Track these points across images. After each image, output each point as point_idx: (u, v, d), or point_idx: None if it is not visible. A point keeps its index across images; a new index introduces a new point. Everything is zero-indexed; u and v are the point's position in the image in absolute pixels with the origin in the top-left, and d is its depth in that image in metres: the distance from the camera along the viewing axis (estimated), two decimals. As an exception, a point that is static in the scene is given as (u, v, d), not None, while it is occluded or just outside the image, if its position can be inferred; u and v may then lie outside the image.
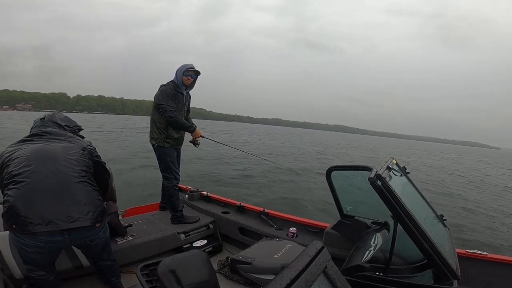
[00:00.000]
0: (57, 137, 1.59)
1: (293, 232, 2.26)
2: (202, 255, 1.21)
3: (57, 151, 1.50)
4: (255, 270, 1.65)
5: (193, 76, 2.47)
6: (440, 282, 1.24)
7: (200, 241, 2.50)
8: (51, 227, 1.32)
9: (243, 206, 2.74)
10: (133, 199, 4.86)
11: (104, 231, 1.60)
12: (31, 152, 1.44)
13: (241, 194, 6.69)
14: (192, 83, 2.51)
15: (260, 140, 28.38)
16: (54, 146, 1.52)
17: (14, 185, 1.34)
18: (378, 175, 1.23)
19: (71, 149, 1.54)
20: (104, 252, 1.71)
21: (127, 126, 33.58)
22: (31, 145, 1.49)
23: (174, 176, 2.54)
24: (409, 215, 1.23)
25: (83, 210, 1.42)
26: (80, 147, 1.59)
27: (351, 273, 1.38)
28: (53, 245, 1.38)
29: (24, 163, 1.38)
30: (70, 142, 1.59)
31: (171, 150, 2.49)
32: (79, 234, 1.44)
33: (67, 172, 1.44)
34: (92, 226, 1.46)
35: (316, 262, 0.57)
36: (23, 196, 1.32)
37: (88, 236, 1.49)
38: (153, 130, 2.46)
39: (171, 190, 2.53)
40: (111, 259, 1.78)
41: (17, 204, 1.30)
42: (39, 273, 1.46)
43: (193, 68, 2.44)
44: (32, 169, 1.37)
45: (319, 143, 35.27)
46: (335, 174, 1.93)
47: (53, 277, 1.53)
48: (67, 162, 1.47)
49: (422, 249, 1.23)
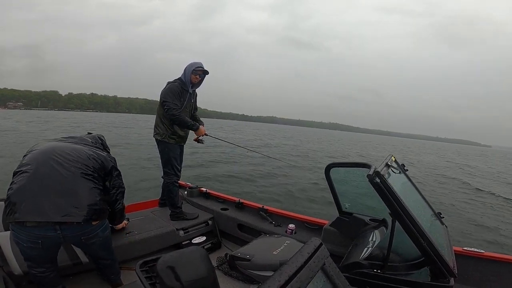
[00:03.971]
0: (81, 141, 1.67)
1: (291, 228, 2.27)
2: (201, 251, 1.21)
3: (70, 147, 1.54)
4: (253, 266, 1.66)
5: (201, 75, 2.47)
6: (437, 280, 1.25)
7: (199, 237, 2.51)
8: (40, 218, 1.32)
9: (242, 203, 2.74)
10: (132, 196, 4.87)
11: (102, 230, 1.58)
12: (43, 147, 1.49)
13: (248, 191, 6.76)
14: (200, 81, 2.51)
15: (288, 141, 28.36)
16: (69, 144, 1.57)
17: (16, 177, 1.39)
18: (376, 172, 1.23)
19: (86, 151, 1.57)
20: (104, 251, 1.69)
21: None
22: (48, 143, 1.55)
23: (175, 173, 2.55)
24: (407, 213, 1.23)
25: (78, 205, 1.41)
26: (96, 156, 1.60)
27: (349, 270, 1.39)
28: (46, 240, 1.38)
29: (32, 157, 1.44)
30: (89, 148, 1.64)
31: (175, 146, 2.50)
32: (72, 230, 1.42)
33: (71, 166, 1.45)
34: (86, 223, 1.44)
35: (315, 259, 0.58)
36: (19, 188, 1.34)
37: (82, 233, 1.47)
38: (158, 126, 2.47)
39: (171, 186, 2.54)
40: (111, 258, 1.76)
41: (14, 194, 1.34)
42: (39, 269, 1.47)
43: (202, 67, 2.44)
44: (36, 163, 1.41)
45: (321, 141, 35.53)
46: (334, 171, 1.93)
47: (53, 275, 1.53)
48: (76, 158, 1.49)
49: (420, 246, 1.23)
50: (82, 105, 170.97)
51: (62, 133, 6.60)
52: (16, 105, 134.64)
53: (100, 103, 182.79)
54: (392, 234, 1.31)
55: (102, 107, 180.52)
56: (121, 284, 1.85)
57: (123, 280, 1.88)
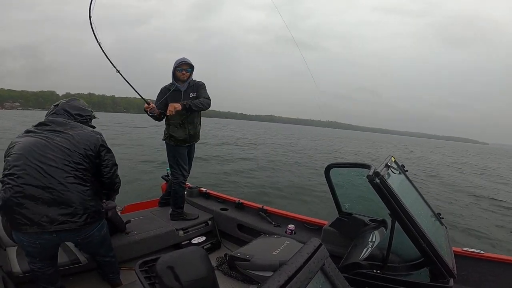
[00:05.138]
0: (59, 128, 1.51)
1: (291, 229, 2.27)
2: (201, 251, 1.21)
3: (51, 147, 1.43)
4: (253, 267, 1.66)
5: (187, 69, 2.39)
6: (436, 280, 1.25)
7: (198, 237, 2.51)
8: (37, 229, 1.34)
9: (242, 203, 2.74)
10: (132, 195, 4.87)
11: (99, 229, 1.58)
12: (24, 148, 1.41)
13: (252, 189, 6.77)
14: (189, 76, 2.43)
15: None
16: (50, 141, 1.45)
17: (4, 184, 1.37)
18: (376, 173, 1.23)
19: (68, 144, 1.46)
20: (101, 248, 1.70)
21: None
22: (28, 139, 1.45)
23: (181, 173, 2.52)
24: (406, 213, 1.23)
25: (71, 212, 1.40)
26: (79, 140, 1.49)
27: (348, 270, 1.39)
28: (44, 242, 1.40)
29: (16, 162, 1.38)
30: (70, 136, 1.50)
31: (179, 147, 2.48)
32: (68, 235, 1.45)
33: (55, 173, 1.39)
34: (81, 228, 1.45)
35: (314, 259, 0.58)
36: (10, 198, 1.33)
37: (78, 236, 1.49)
38: (165, 128, 2.51)
39: (177, 186, 2.54)
40: (110, 255, 1.77)
41: (5, 204, 1.34)
42: (37, 265, 1.49)
43: (183, 61, 2.37)
44: (20, 169, 1.36)
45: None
46: (333, 171, 1.93)
47: (51, 271, 1.53)
48: (58, 160, 1.41)
49: (419, 247, 1.24)
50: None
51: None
52: (13, 106, 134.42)
53: (97, 103, 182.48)
54: (391, 235, 1.31)
55: (99, 107, 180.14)
56: (120, 284, 1.85)
57: (122, 280, 1.88)
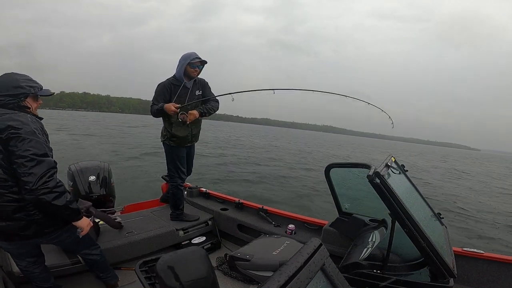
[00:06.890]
0: None
1: (291, 229, 2.27)
2: (201, 251, 1.21)
3: None
4: (253, 267, 1.66)
5: (199, 66, 2.29)
6: (436, 280, 1.25)
7: (199, 237, 2.51)
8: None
9: (242, 203, 2.74)
10: (132, 195, 4.87)
11: (65, 231, 1.42)
12: None
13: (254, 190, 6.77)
14: (198, 73, 2.33)
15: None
16: None
17: None
18: (376, 173, 1.23)
19: None
20: (79, 247, 1.60)
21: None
22: None
23: (179, 175, 2.45)
24: (406, 213, 1.23)
25: (10, 230, 1.27)
26: None
27: (348, 270, 1.39)
28: (18, 245, 1.37)
29: None
30: None
31: (178, 148, 2.39)
32: (28, 243, 1.38)
33: None
34: (34, 239, 1.34)
35: (314, 259, 0.58)
36: None
37: (42, 241, 1.42)
38: (163, 128, 2.41)
39: (175, 190, 2.48)
40: (93, 253, 1.67)
41: None
42: (23, 263, 1.46)
43: (198, 58, 2.24)
44: None
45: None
46: (333, 171, 1.93)
47: (39, 270, 1.50)
48: None
49: (419, 247, 1.24)
50: (74, 104, 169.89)
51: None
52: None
53: (92, 102, 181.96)
54: (391, 235, 1.31)
55: (94, 106, 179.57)
56: (115, 284, 1.84)
57: (122, 280, 1.88)
